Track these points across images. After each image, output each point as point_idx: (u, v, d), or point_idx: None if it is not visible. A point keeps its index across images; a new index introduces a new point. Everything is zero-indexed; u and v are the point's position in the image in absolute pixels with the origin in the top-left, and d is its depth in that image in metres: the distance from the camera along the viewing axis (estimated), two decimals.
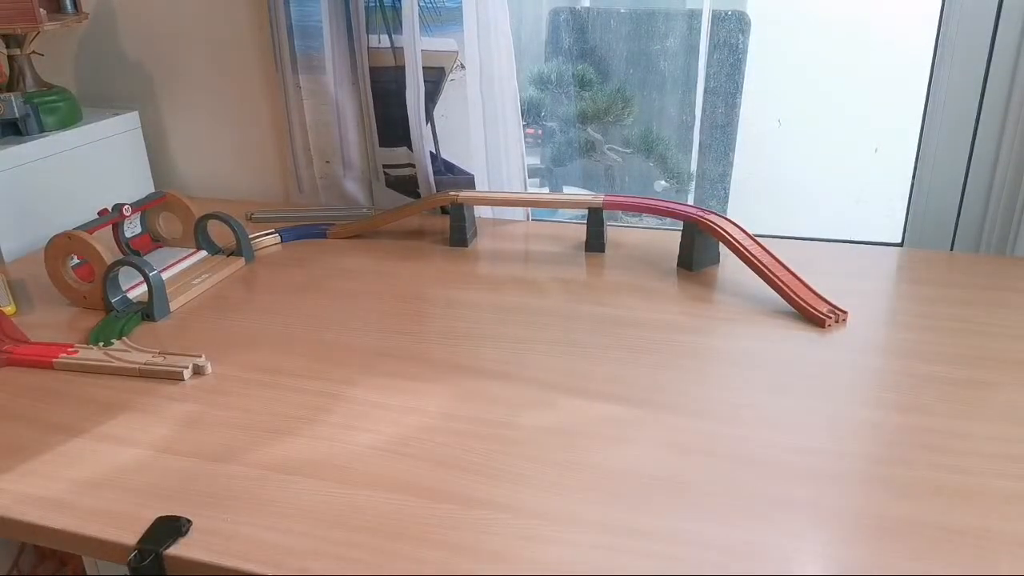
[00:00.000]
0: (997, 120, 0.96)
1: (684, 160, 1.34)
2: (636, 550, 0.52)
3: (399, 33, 1.05)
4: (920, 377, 0.71)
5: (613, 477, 0.59)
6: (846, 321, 0.81)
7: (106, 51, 1.25)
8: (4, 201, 1.03)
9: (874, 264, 0.96)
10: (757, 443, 0.63)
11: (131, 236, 0.98)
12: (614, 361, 0.75)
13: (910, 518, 0.54)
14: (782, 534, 0.53)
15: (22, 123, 1.07)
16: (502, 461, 0.61)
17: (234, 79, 1.22)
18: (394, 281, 0.95)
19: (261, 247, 1.06)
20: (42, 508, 0.58)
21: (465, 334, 0.81)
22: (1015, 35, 0.93)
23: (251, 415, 0.68)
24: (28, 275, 0.98)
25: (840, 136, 1.27)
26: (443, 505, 0.57)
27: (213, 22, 1.19)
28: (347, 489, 0.59)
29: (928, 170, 1.01)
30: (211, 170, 1.29)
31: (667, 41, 1.28)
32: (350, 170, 1.17)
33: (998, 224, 0.99)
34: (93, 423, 0.68)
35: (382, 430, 0.66)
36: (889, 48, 1.20)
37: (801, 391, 0.70)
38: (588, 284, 0.93)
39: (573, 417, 0.67)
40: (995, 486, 0.57)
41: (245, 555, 0.52)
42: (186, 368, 0.74)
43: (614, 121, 1.32)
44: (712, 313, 0.85)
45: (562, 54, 1.32)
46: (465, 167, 1.11)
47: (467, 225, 1.04)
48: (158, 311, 0.86)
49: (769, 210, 1.28)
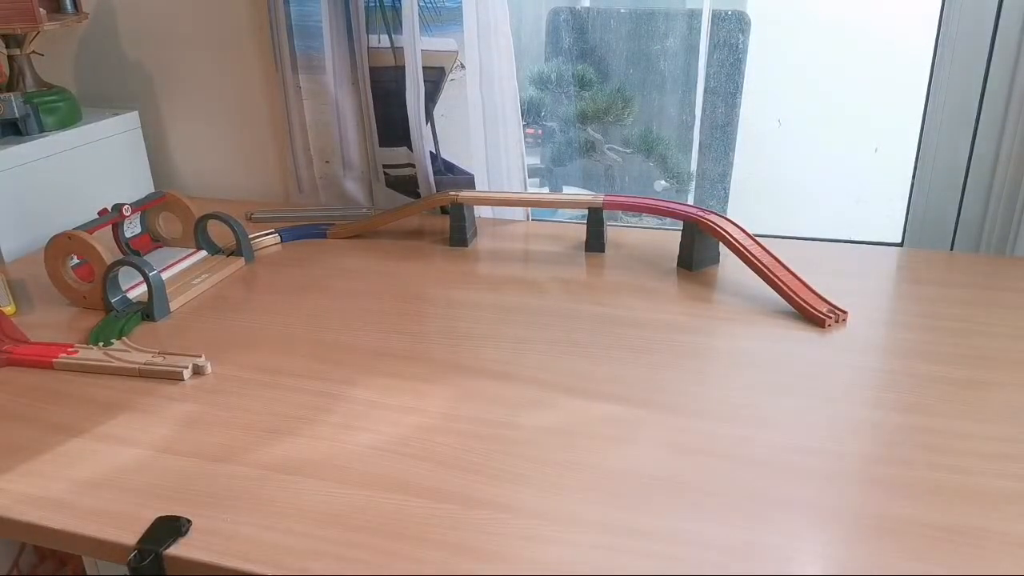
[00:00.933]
0: (997, 120, 0.96)
1: (684, 160, 1.34)
2: (636, 550, 0.52)
3: (399, 33, 1.05)
4: (920, 377, 0.71)
5: (613, 477, 0.59)
6: (846, 321, 0.81)
7: (106, 51, 1.25)
8: (4, 201, 1.03)
9: (874, 264, 0.96)
10: (757, 443, 0.63)
11: (131, 236, 0.98)
12: (614, 361, 0.75)
13: (909, 518, 0.54)
14: (782, 534, 0.53)
15: (22, 123, 1.07)
16: (502, 461, 0.61)
17: (234, 79, 1.22)
18: (394, 281, 0.95)
19: (261, 247, 1.06)
20: (42, 508, 0.58)
21: (465, 334, 0.81)
22: (1015, 35, 0.93)
23: (251, 415, 0.68)
24: (28, 275, 0.98)
25: (840, 136, 1.27)
26: (443, 505, 0.57)
27: (213, 22, 1.19)
28: (347, 489, 0.59)
29: (928, 170, 1.01)
30: (211, 170, 1.29)
31: (667, 41, 1.28)
32: (350, 170, 1.17)
33: (998, 224, 0.99)
34: (93, 423, 0.68)
35: (382, 430, 0.66)
36: (889, 48, 1.20)
37: (801, 391, 0.70)
38: (588, 284, 0.93)
39: (573, 417, 0.67)
40: (995, 486, 0.57)
41: (245, 555, 0.52)
42: (186, 368, 0.74)
43: (614, 121, 1.32)
44: (712, 313, 0.85)
45: (562, 54, 1.32)
46: (465, 167, 1.11)
47: (467, 225, 1.04)
48: (158, 311, 0.86)
49: (769, 210, 1.28)
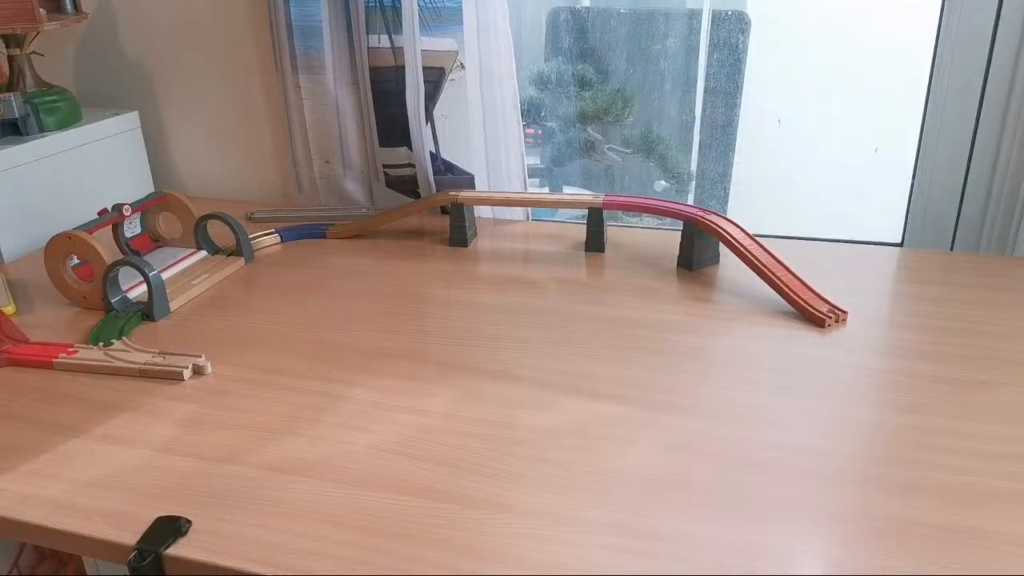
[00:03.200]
0: (997, 120, 0.96)
1: (684, 160, 1.34)
2: (636, 550, 0.52)
3: (399, 33, 1.05)
4: (920, 377, 0.71)
5: (613, 477, 0.59)
6: (846, 321, 0.81)
7: (106, 51, 1.25)
8: (4, 201, 1.03)
9: (874, 264, 0.96)
10: (757, 443, 0.63)
11: (131, 236, 0.98)
12: (614, 361, 0.75)
13: (910, 518, 0.54)
14: (782, 534, 0.53)
15: (22, 123, 1.07)
16: (501, 461, 0.61)
17: (234, 79, 1.22)
18: (394, 281, 0.95)
19: (261, 247, 1.06)
20: (42, 508, 0.57)
21: (465, 334, 0.81)
22: (1015, 35, 0.93)
23: (251, 415, 0.68)
24: (28, 275, 0.98)
25: (840, 136, 1.27)
26: (443, 505, 0.57)
27: (213, 22, 1.19)
28: (347, 489, 0.59)
29: (928, 170, 1.01)
30: (211, 170, 1.29)
31: (667, 41, 1.28)
32: (350, 170, 1.17)
33: (998, 224, 0.99)
34: (93, 423, 0.68)
35: (382, 430, 0.66)
36: (889, 48, 1.20)
37: (801, 391, 0.70)
38: (588, 284, 0.93)
39: (573, 417, 0.67)
40: (995, 486, 0.57)
41: (245, 555, 0.52)
42: (186, 368, 0.74)
43: (614, 121, 1.32)
44: (712, 313, 0.85)
45: (562, 54, 1.32)
46: (465, 167, 1.11)
47: (467, 225, 1.04)
48: (158, 311, 0.86)
49: (769, 210, 1.28)
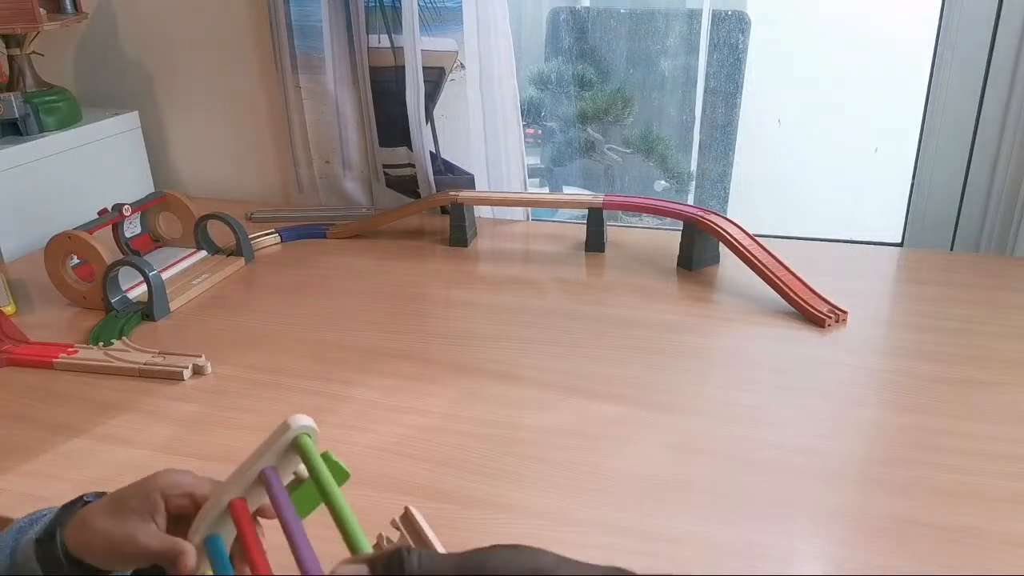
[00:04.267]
0: (997, 120, 0.96)
1: (684, 160, 1.34)
2: (636, 549, 0.52)
3: (399, 33, 1.05)
4: (920, 377, 0.71)
5: (613, 477, 0.59)
6: (846, 321, 0.81)
7: (106, 51, 1.25)
8: (4, 201, 1.03)
9: (874, 264, 0.96)
10: (757, 443, 0.63)
11: (131, 236, 0.98)
12: (614, 361, 0.75)
13: (910, 518, 0.54)
14: (782, 534, 0.53)
15: (22, 123, 1.07)
16: (502, 461, 0.61)
17: (234, 79, 1.22)
18: (394, 281, 0.95)
19: (261, 247, 1.06)
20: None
21: (465, 334, 0.81)
22: (1015, 35, 0.93)
23: (251, 415, 0.68)
24: (28, 275, 0.98)
25: (840, 136, 1.27)
26: (443, 505, 0.57)
27: (213, 22, 1.18)
28: (347, 489, 0.58)
29: (928, 170, 1.01)
30: (211, 170, 1.29)
31: (667, 41, 1.28)
32: (350, 170, 1.17)
33: (998, 224, 0.99)
34: (93, 423, 0.68)
35: (382, 430, 0.66)
36: (889, 48, 1.20)
37: (801, 391, 0.70)
38: (588, 284, 0.93)
39: (573, 417, 0.67)
40: (995, 486, 0.57)
41: None
42: (186, 368, 0.74)
43: (614, 121, 1.32)
44: (712, 313, 0.85)
45: (562, 54, 1.32)
46: (465, 167, 1.11)
47: (467, 225, 1.04)
48: (158, 311, 0.86)
49: (769, 210, 1.28)
